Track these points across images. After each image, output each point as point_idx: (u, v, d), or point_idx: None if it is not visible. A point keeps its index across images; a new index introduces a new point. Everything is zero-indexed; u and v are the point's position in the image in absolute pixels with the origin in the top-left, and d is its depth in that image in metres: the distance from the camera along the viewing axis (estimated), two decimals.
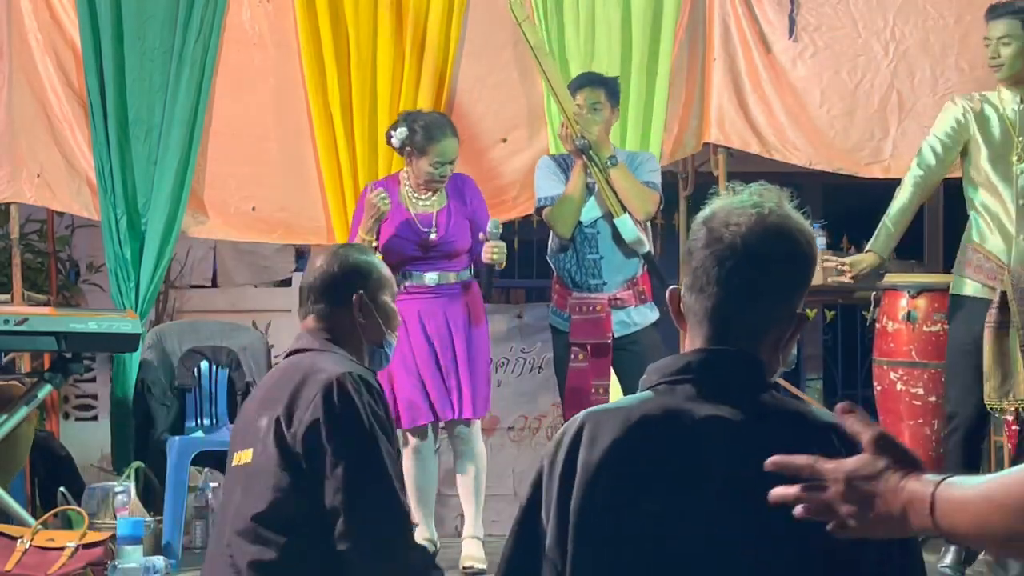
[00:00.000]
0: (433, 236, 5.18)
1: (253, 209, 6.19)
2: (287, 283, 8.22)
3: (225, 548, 2.82)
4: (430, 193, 5.25)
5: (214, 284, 8.27)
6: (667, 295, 1.98)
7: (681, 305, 1.96)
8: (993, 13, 5.09)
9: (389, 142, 5.36)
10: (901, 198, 5.06)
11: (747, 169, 6.82)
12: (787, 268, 1.92)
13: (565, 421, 5.67)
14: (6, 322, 5.11)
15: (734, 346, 1.90)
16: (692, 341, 1.94)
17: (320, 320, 3.03)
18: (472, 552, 5.15)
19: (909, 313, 5.28)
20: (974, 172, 5.05)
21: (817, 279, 4.60)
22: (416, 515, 5.20)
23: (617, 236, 5.22)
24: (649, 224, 5.36)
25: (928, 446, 5.30)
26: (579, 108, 5.28)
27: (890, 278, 5.51)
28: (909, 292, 5.30)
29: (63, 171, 6.09)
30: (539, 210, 5.36)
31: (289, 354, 3.03)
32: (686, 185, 6.89)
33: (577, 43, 6.10)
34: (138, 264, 5.91)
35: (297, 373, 2.87)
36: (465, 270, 5.27)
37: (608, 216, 5.24)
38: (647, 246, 5.27)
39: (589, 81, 5.44)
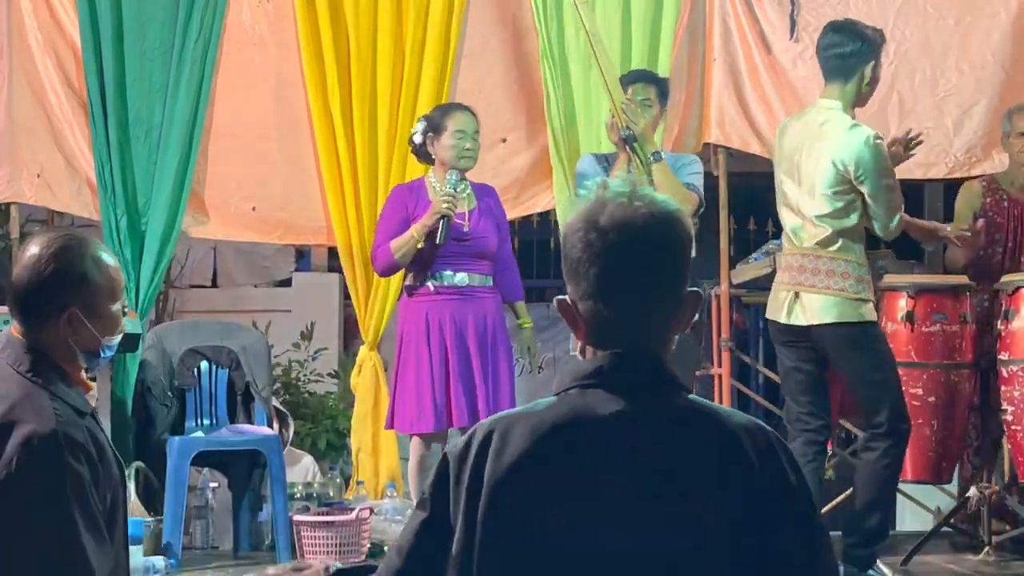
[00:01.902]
0: (466, 228, 5.17)
1: (253, 209, 6.20)
2: (287, 283, 8.24)
3: None
4: (461, 189, 5.22)
5: (214, 284, 8.28)
6: (556, 305, 1.95)
7: (575, 312, 1.93)
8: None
9: (412, 143, 5.37)
10: None
11: (747, 169, 6.82)
12: (681, 256, 1.93)
13: None
14: (6, 322, 5.11)
15: (641, 347, 1.91)
16: (599, 346, 1.93)
17: (27, 331, 2.63)
18: None
19: (908, 313, 5.28)
20: None
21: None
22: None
23: None
24: None
25: (928, 446, 5.30)
26: (627, 101, 5.29)
27: (889, 278, 5.51)
28: (908, 292, 5.30)
29: (63, 171, 6.09)
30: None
31: None
32: None
33: (577, 44, 6.10)
34: (138, 264, 5.91)
35: (2, 404, 2.52)
36: (490, 276, 5.27)
37: None
38: None
39: (642, 77, 5.46)
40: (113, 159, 5.96)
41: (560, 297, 1.96)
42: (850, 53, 4.76)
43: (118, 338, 2.71)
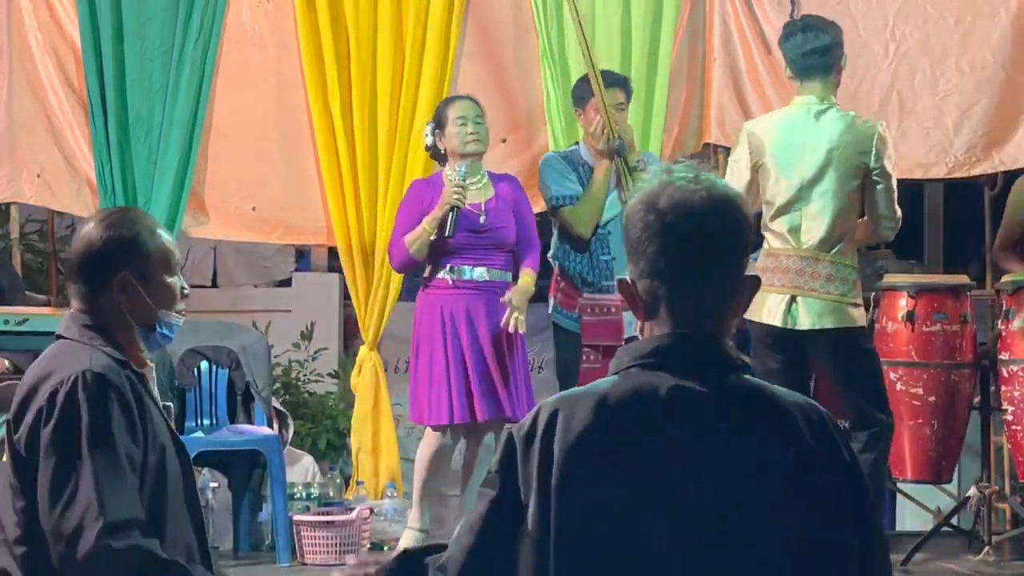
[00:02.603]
0: (483, 220, 5.15)
1: (253, 209, 6.19)
2: (287, 283, 8.23)
3: None
4: (475, 180, 5.19)
5: (214, 284, 8.27)
6: (617, 285, 2.01)
7: (635, 293, 1.97)
8: None
9: (427, 149, 5.35)
10: None
11: None
12: (737, 237, 1.97)
13: None
14: (6, 322, 5.11)
15: (699, 327, 1.94)
16: (656, 326, 1.96)
17: (82, 302, 2.69)
18: None
19: (909, 313, 5.28)
20: None
21: None
22: (415, 505, 5.20)
23: None
24: None
25: (928, 446, 5.31)
26: (616, 110, 5.27)
27: (890, 278, 5.51)
28: (909, 292, 5.30)
29: (63, 171, 6.09)
30: (554, 209, 5.30)
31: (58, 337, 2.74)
32: None
33: (577, 44, 6.10)
34: None
35: (38, 368, 2.63)
36: (508, 272, 5.24)
37: (622, 217, 5.24)
38: None
39: (612, 82, 5.38)
40: (113, 159, 5.96)
41: (620, 277, 2.00)
42: (831, 44, 4.76)
43: (178, 319, 2.74)
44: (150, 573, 2.52)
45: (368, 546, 5.43)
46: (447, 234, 5.04)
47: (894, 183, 4.72)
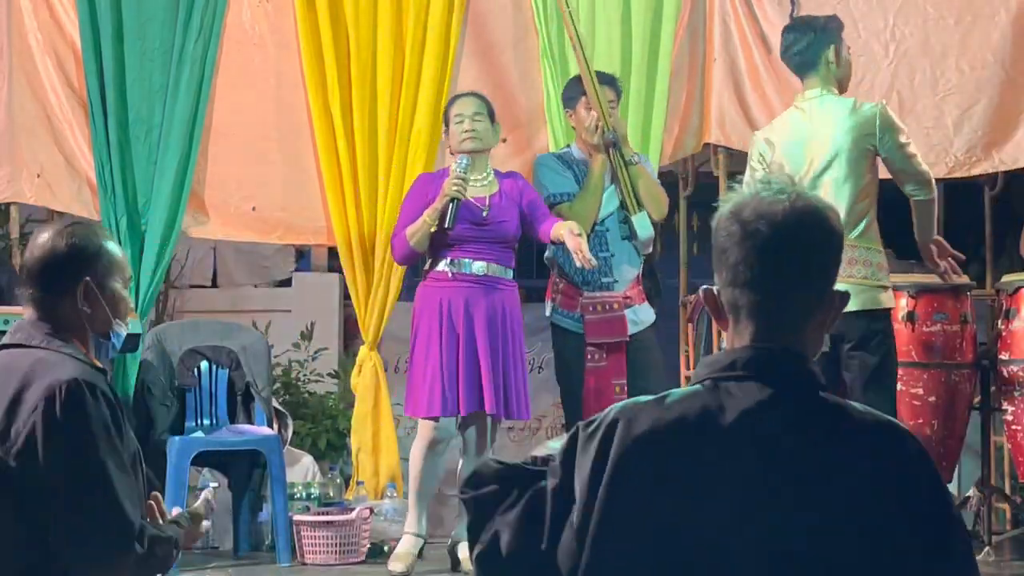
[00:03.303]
0: (485, 214, 5.15)
1: (253, 209, 6.19)
2: (287, 283, 8.23)
3: None
4: (480, 176, 5.20)
5: (214, 284, 8.27)
6: (702, 295, 1.99)
7: (718, 302, 1.96)
8: None
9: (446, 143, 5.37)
10: None
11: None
12: (825, 251, 1.94)
13: (566, 423, 5.65)
14: (6, 322, 5.11)
15: (780, 340, 1.90)
16: (737, 337, 1.93)
17: (40, 310, 2.72)
18: None
19: (909, 313, 5.28)
20: None
21: None
22: (411, 509, 5.19)
23: (626, 233, 5.23)
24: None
25: (928, 446, 5.27)
26: (610, 104, 5.31)
27: (890, 278, 5.50)
28: (909, 292, 5.30)
29: (63, 171, 6.09)
30: (551, 207, 5.28)
31: (3, 346, 2.73)
32: (686, 185, 6.89)
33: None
34: (138, 264, 5.90)
35: (14, 377, 2.59)
36: (510, 269, 5.24)
37: (619, 212, 5.24)
38: (651, 247, 5.29)
39: (604, 80, 5.44)
40: (113, 159, 5.96)
41: (705, 287, 1.98)
42: (806, 46, 4.86)
43: (125, 329, 2.79)
44: (160, 554, 2.61)
45: (368, 546, 5.43)
46: (447, 225, 5.03)
47: (910, 148, 4.76)
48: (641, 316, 5.28)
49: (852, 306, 4.63)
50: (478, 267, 5.12)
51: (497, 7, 6.22)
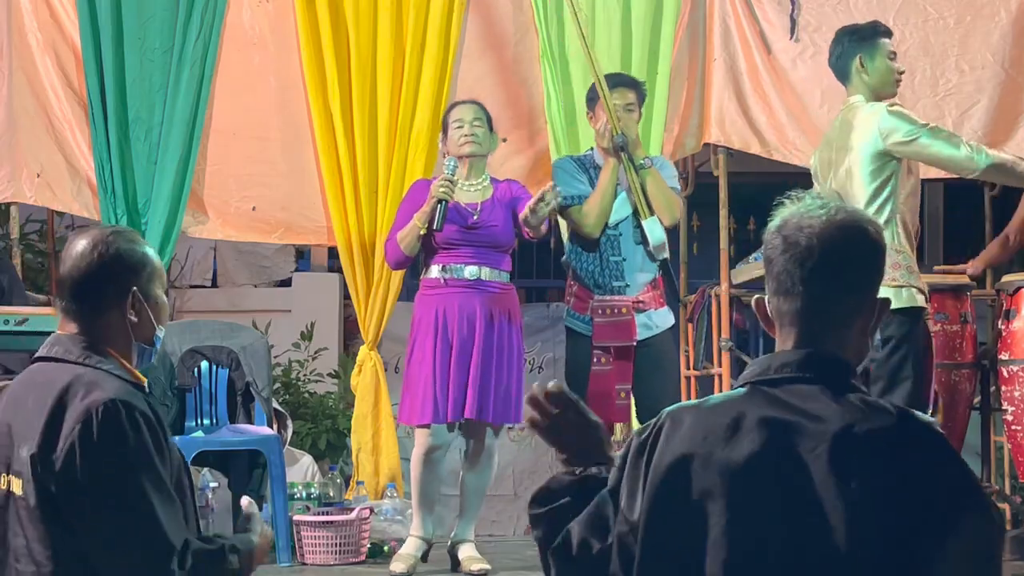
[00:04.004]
0: (475, 217, 5.15)
1: (253, 209, 6.20)
2: (287, 283, 8.23)
3: None
4: (475, 182, 5.20)
5: (214, 284, 8.27)
6: (753, 304, 2.11)
7: (768, 311, 2.07)
8: None
9: (442, 152, 5.36)
10: None
11: (747, 169, 6.83)
12: (863, 261, 2.04)
13: None
14: (6, 322, 5.11)
15: (823, 346, 2.00)
16: (782, 343, 2.04)
17: (81, 323, 2.65)
18: (475, 554, 5.15)
19: None
20: None
21: None
22: (415, 513, 5.20)
23: (640, 239, 5.20)
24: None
25: None
26: (620, 107, 5.26)
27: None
28: None
29: (63, 171, 6.09)
30: (562, 209, 5.28)
31: (40, 359, 2.67)
32: (686, 185, 6.89)
33: (577, 44, 6.11)
34: None
35: (51, 394, 2.54)
36: (505, 272, 5.24)
37: (633, 218, 5.22)
38: (666, 252, 5.25)
39: (622, 82, 5.40)
40: (113, 159, 5.96)
41: (757, 296, 2.10)
42: (837, 56, 4.87)
43: (163, 332, 2.75)
44: (213, 567, 2.57)
45: (368, 546, 5.44)
46: (435, 227, 5.04)
47: (922, 140, 4.64)
48: (656, 320, 5.24)
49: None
50: (470, 271, 5.13)
51: (497, 7, 6.22)
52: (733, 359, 6.31)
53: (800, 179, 8.42)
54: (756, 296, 2.10)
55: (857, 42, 4.84)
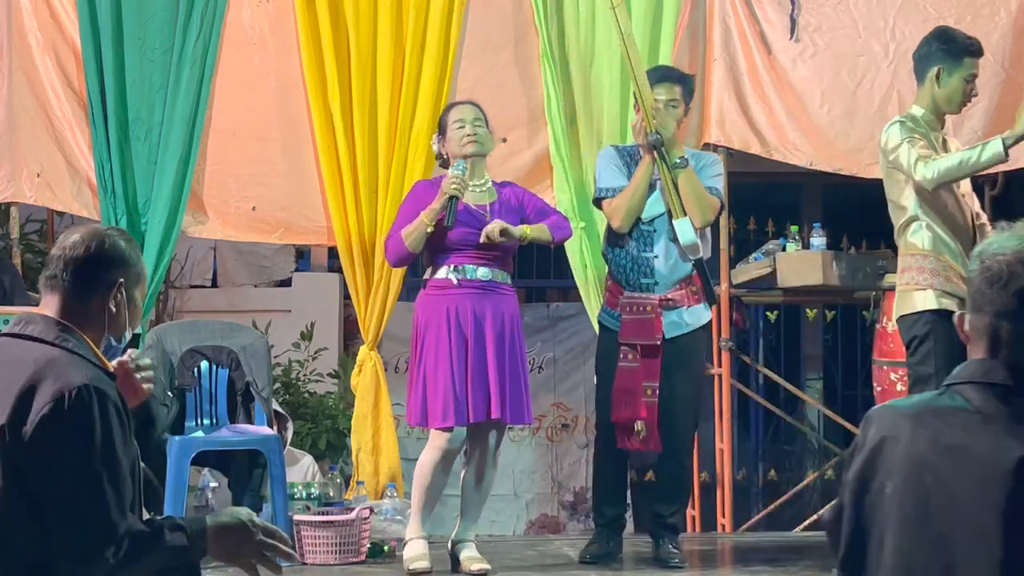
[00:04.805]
0: (487, 218, 5.13)
1: (253, 209, 6.20)
2: (287, 283, 8.23)
3: None
4: (479, 183, 5.19)
5: (214, 284, 8.27)
6: (955, 319, 2.35)
7: (966, 325, 2.30)
8: None
9: (437, 158, 5.34)
10: None
11: (747, 169, 6.82)
12: None
13: (598, 421, 5.65)
14: (6, 322, 5.11)
15: (1008, 357, 2.23)
16: (974, 354, 2.28)
17: (66, 300, 2.75)
18: (475, 554, 5.14)
19: None
20: None
21: None
22: (416, 514, 5.18)
23: (674, 236, 5.17)
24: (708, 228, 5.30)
25: None
26: (656, 103, 5.20)
27: (890, 278, 5.51)
28: None
29: (63, 171, 6.09)
30: (597, 200, 5.28)
31: (13, 335, 2.75)
32: None
33: (577, 43, 6.11)
34: None
35: (23, 371, 2.61)
36: (510, 274, 5.23)
37: (668, 216, 5.20)
38: (701, 252, 5.20)
39: (667, 76, 5.33)
40: (113, 159, 5.96)
41: (958, 312, 2.34)
42: (921, 56, 4.90)
43: (130, 335, 2.87)
44: (152, 553, 2.61)
45: (368, 546, 5.43)
46: (447, 223, 5.02)
47: (899, 156, 4.72)
48: (688, 318, 5.21)
49: (900, 311, 4.73)
50: (483, 273, 5.11)
51: (497, 7, 6.22)
52: (733, 359, 6.32)
53: (800, 178, 8.45)
54: (957, 313, 2.34)
55: (944, 52, 4.85)
